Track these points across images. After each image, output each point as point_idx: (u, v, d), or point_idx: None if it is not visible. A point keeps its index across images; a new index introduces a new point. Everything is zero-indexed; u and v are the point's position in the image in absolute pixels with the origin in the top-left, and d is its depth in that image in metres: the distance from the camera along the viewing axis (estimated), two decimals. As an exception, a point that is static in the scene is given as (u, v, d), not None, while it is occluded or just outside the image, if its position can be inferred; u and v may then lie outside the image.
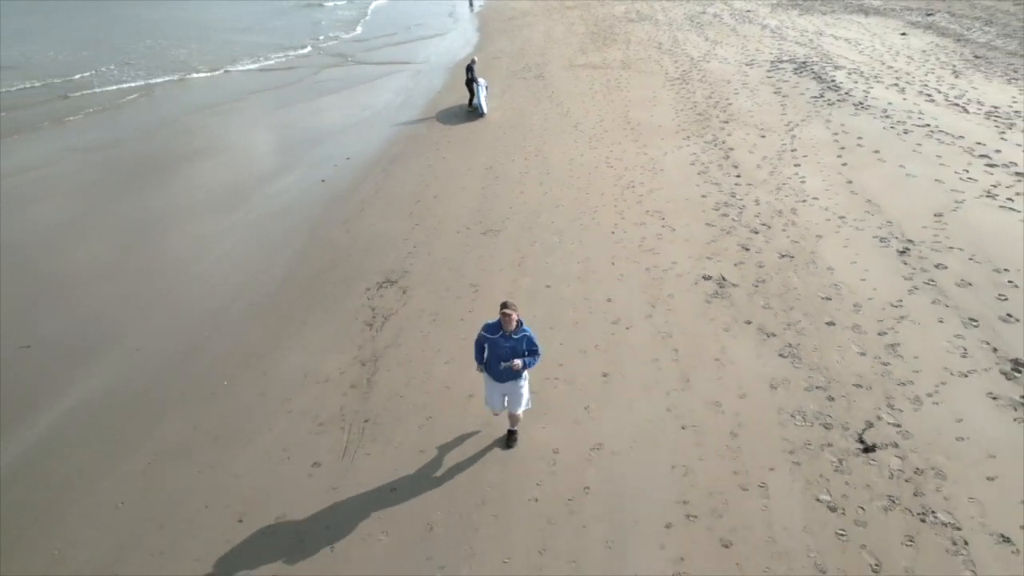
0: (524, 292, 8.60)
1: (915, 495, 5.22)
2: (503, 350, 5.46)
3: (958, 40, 20.69)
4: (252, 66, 23.82)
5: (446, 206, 11.47)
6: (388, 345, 7.79)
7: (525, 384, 5.72)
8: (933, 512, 5.06)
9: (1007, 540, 4.80)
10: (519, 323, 5.45)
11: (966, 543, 4.80)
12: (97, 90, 20.42)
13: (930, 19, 24.16)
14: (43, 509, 5.78)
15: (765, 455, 5.74)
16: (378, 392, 6.98)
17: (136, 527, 5.51)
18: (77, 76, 21.95)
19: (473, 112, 16.69)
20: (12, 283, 9.59)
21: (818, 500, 5.26)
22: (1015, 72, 16.79)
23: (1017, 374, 6.36)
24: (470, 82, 16.46)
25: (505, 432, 6.13)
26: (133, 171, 13.84)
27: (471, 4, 37.54)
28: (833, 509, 5.17)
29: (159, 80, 21.66)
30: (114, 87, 20.65)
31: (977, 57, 18.54)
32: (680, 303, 8.10)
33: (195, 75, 22.47)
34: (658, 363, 7.07)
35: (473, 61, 16.85)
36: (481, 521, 5.34)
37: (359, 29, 31.49)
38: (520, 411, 5.81)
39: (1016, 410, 5.96)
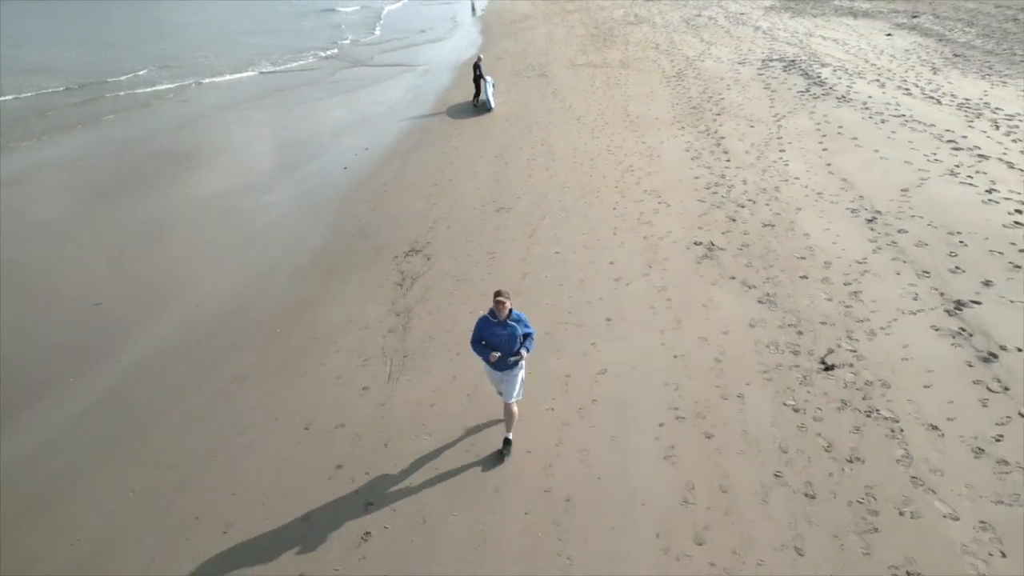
0: (536, 257, 9.85)
1: (863, 399, 6.46)
2: (501, 338, 5.71)
3: (940, 40, 22.08)
4: (275, 68, 25.15)
5: (461, 188, 12.74)
6: (418, 300, 9.02)
7: (520, 374, 6.00)
8: (877, 410, 6.30)
9: (935, 428, 6.03)
10: (511, 310, 5.74)
11: (902, 430, 6.03)
12: (138, 91, 21.78)
13: (915, 21, 25.58)
14: (141, 421, 7.00)
15: (742, 374, 6.98)
16: (412, 335, 8.21)
17: (220, 432, 6.73)
18: (111, 79, 23.28)
19: (480, 107, 17.99)
20: (95, 248, 10.85)
21: (784, 404, 6.50)
22: (990, 69, 18.15)
23: (958, 312, 7.62)
24: (477, 79, 17.77)
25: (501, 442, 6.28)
26: (175, 161, 15.14)
27: (473, 9, 39.00)
28: (796, 410, 6.41)
29: (189, 82, 22.99)
30: (150, 88, 21.96)
31: (956, 55, 19.92)
32: (673, 264, 9.35)
33: (223, 77, 23.78)
34: (654, 310, 8.31)
35: (479, 59, 18.17)
36: (490, 408, 6.56)
37: (377, 31, 32.91)
38: (512, 400, 6.03)
39: (954, 339, 7.21)
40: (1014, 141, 12.55)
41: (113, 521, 5.72)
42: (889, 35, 23.43)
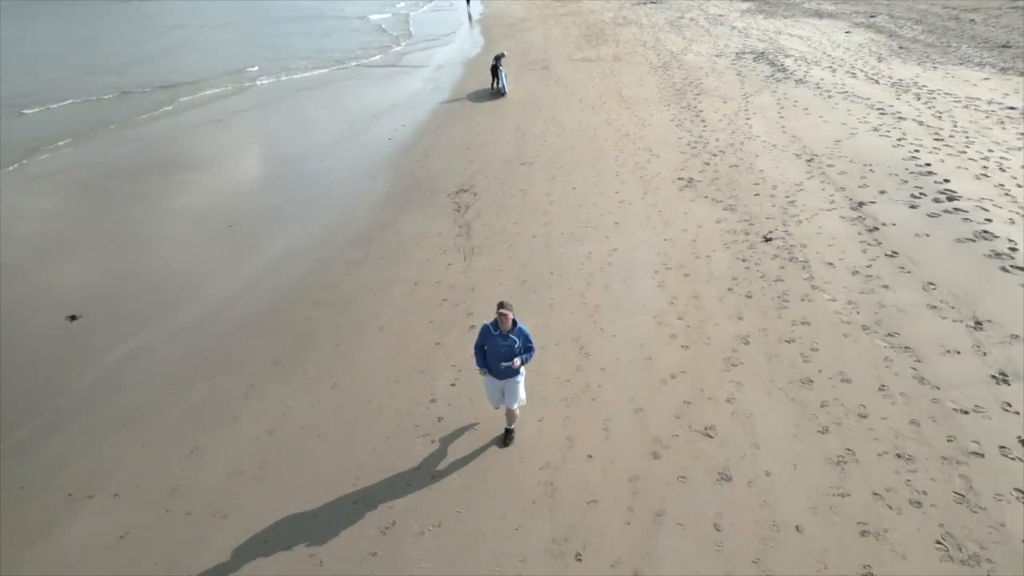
0: (557, 192, 13.51)
1: (788, 254, 10.18)
2: (501, 348, 6.06)
3: (890, 36, 26.38)
4: (324, 70, 28.82)
5: (490, 150, 16.44)
6: (473, 218, 12.65)
7: (521, 381, 6.41)
8: (796, 258, 10.01)
9: (831, 264, 9.75)
10: (514, 322, 6.06)
11: (809, 266, 9.74)
12: (212, 89, 25.29)
13: (872, 20, 29.97)
14: (307, 279, 10.55)
15: (710, 246, 10.67)
16: (474, 237, 11.81)
17: (362, 282, 10.28)
18: (198, 79, 26.79)
19: (496, 93, 21.77)
20: (227, 186, 14.38)
21: (736, 258, 10.19)
22: (927, 58, 22.33)
23: (859, 208, 11.40)
24: (495, 68, 21.58)
25: (503, 431, 6.90)
26: (258, 134, 18.73)
27: (470, 16, 42.97)
28: (744, 261, 10.10)
29: (247, 83, 26.60)
30: (228, 86, 25.46)
31: (901, 48, 24.14)
32: (662, 191, 13.08)
33: (276, 78, 27.43)
34: (649, 217, 12.01)
35: (502, 54, 22.01)
36: (540, 270, 10.16)
37: (413, 32, 36.79)
38: (515, 407, 6.52)
39: (852, 222, 10.97)
40: (928, 107, 16.56)
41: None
42: (848, 32, 27.71)
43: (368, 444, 6.99)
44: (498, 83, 21.74)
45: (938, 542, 5.36)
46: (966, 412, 6.68)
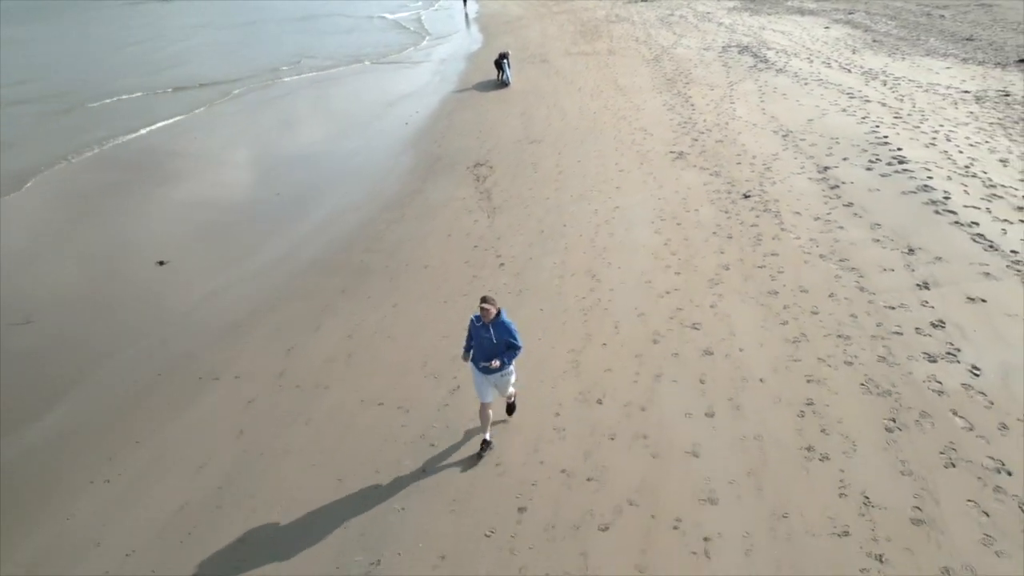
0: (565, 164, 15.64)
1: (763, 206, 12.36)
2: (483, 340, 6.31)
3: (866, 31, 28.84)
4: (356, 64, 30.88)
5: (500, 132, 18.58)
6: (492, 187, 14.76)
7: (512, 376, 6.71)
8: (769, 210, 12.20)
9: (798, 213, 11.95)
10: (498, 313, 6.25)
11: (780, 215, 11.93)
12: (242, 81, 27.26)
13: (850, 16, 32.46)
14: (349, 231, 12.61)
15: (698, 202, 12.85)
16: (495, 200, 13.92)
17: (402, 235, 12.36)
18: (244, 76, 28.74)
19: (500, 84, 23.92)
20: (267, 167, 16.41)
21: (720, 211, 12.37)
22: (897, 50, 24.74)
23: (824, 171, 13.61)
24: (501, 60, 23.74)
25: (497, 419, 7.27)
26: (287, 122, 20.77)
27: (467, 16, 45.05)
28: (726, 212, 12.27)
29: (270, 78, 28.61)
30: (251, 80, 27.47)
31: (875, 41, 26.57)
32: (657, 162, 15.26)
33: (302, 74, 29.46)
34: (645, 182, 14.18)
35: (507, 53, 24.19)
36: (554, 223, 12.28)
37: (429, 29, 38.89)
38: (511, 390, 6.93)
39: (818, 183, 13.17)
40: (892, 91, 18.89)
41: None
42: (827, 28, 30.15)
43: (428, 342, 9.08)
44: (503, 75, 23.87)
45: (862, 384, 7.52)
46: (893, 308, 8.87)
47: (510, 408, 7.35)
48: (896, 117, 16.53)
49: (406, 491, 6.54)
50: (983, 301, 8.79)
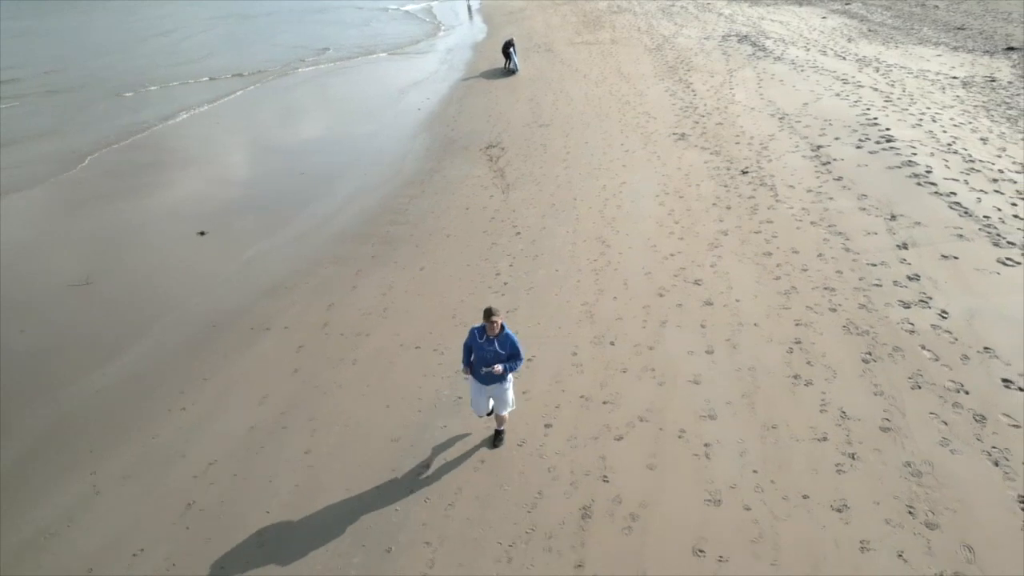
0: (572, 146, 16.69)
1: (759, 180, 13.45)
2: (487, 353, 6.23)
3: (861, 20, 29.88)
4: (380, 55, 31.86)
5: (509, 116, 19.62)
6: (505, 166, 15.81)
7: (510, 387, 6.59)
8: (765, 184, 13.28)
9: (792, 186, 13.02)
10: (502, 327, 6.22)
11: (775, 188, 13.01)
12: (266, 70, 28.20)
13: (847, 7, 33.48)
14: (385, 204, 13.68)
15: (700, 178, 13.92)
16: (508, 178, 14.97)
17: (427, 206, 13.43)
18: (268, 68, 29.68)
19: (507, 72, 24.93)
20: (293, 158, 17.45)
21: (719, 185, 13.44)
22: (891, 39, 25.79)
23: (817, 149, 14.69)
24: (507, 48, 24.74)
25: (492, 433, 7.13)
26: (305, 109, 21.80)
27: (470, 9, 45.97)
28: (725, 186, 13.35)
29: (309, 67, 29.60)
30: (270, 70, 28.44)
31: (870, 31, 27.61)
32: (660, 143, 16.32)
33: (317, 66, 30.44)
34: (650, 161, 15.24)
35: (512, 40, 25.18)
36: (565, 198, 13.35)
37: (441, 20, 39.79)
38: (505, 413, 6.75)
39: (811, 160, 14.25)
40: (884, 77, 19.96)
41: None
42: (824, 18, 31.19)
43: (455, 298, 10.14)
44: (510, 62, 24.88)
45: (843, 326, 8.61)
46: (875, 265, 9.96)
47: (498, 436, 7.07)
48: (886, 101, 17.60)
49: (447, 413, 7.62)
50: (955, 258, 9.88)
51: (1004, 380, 7.36)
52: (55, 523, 6.55)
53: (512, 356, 6.32)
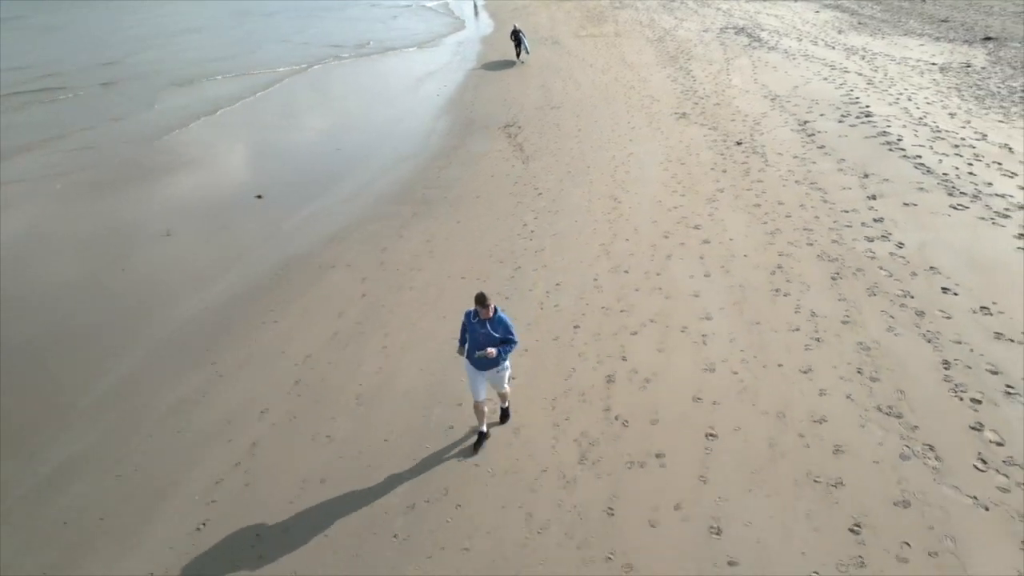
0: (584, 125, 18.69)
1: (752, 149, 15.46)
2: (480, 336, 6.45)
3: (852, 14, 31.98)
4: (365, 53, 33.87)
5: (523, 100, 21.62)
6: (523, 141, 17.80)
7: (505, 375, 6.85)
8: (757, 152, 15.28)
9: (780, 154, 15.03)
10: (495, 310, 6.43)
11: (766, 155, 15.02)
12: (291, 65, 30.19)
13: (839, 2, 35.59)
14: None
15: (699, 148, 15.91)
16: (527, 151, 16.96)
17: (455, 174, 15.42)
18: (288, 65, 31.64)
19: (518, 63, 26.92)
20: (331, 140, 19.43)
21: (716, 154, 15.43)
22: (878, 31, 27.87)
23: (803, 124, 16.71)
24: (517, 35, 26.72)
25: (492, 422, 7.32)
26: (333, 97, 23.80)
27: (476, 7, 47.97)
28: (722, 155, 15.34)
29: (316, 64, 31.59)
30: (300, 65, 30.41)
31: (860, 23, 29.70)
32: (663, 121, 18.32)
33: (337, 58, 32.42)
34: (654, 136, 17.24)
35: (517, 29, 27.18)
36: (579, 166, 15.34)
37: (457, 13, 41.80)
38: (506, 387, 7.03)
39: (798, 133, 16.26)
40: (868, 64, 22.01)
41: (430, 191, 14.43)
42: (817, 12, 33.28)
43: (490, 242, 12.09)
44: (521, 48, 26.80)
45: (818, 255, 10.58)
46: (847, 211, 11.94)
47: (504, 414, 7.47)
48: (869, 83, 19.66)
49: (494, 319, 9.57)
50: (915, 205, 11.88)
51: (943, 288, 9.35)
52: (192, 395, 8.49)
53: (505, 340, 6.53)
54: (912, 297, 9.23)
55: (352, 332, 9.63)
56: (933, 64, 21.68)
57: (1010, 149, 13.87)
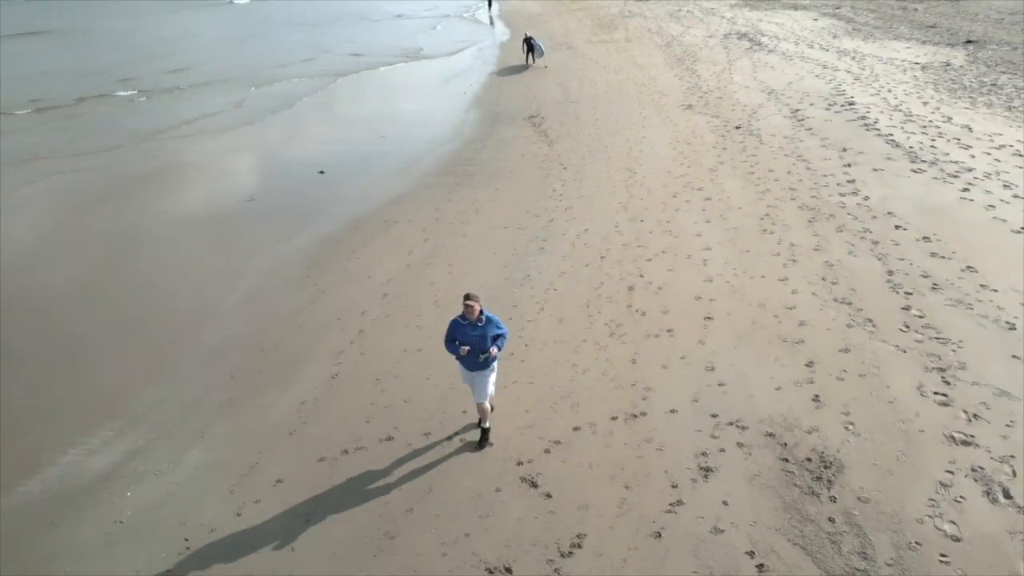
0: (600, 116, 21.45)
1: (749, 134, 18.14)
2: (473, 339, 6.80)
3: (848, 22, 34.84)
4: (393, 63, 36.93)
5: (543, 96, 24.44)
6: (547, 129, 20.55)
7: (492, 376, 7.16)
8: (753, 134, 17.96)
9: (773, 135, 17.74)
10: (481, 311, 6.81)
11: (760, 135, 17.71)
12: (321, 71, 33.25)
13: (837, 10, 38.52)
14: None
15: (703, 132, 18.61)
16: (551, 136, 19.70)
17: (490, 150, 18.19)
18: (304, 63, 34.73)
19: (531, 67, 29.80)
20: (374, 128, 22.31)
21: (719, 136, 18.13)
22: (870, 36, 30.69)
23: (795, 112, 19.41)
24: (528, 41, 29.59)
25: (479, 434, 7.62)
26: (378, 92, 26.74)
27: (492, 18, 51.14)
28: (723, 135, 18.05)
29: (360, 68, 34.65)
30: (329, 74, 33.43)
31: (855, 29, 32.54)
32: (671, 112, 21.07)
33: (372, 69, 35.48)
34: (663, 123, 19.98)
35: (529, 36, 30.07)
36: (598, 147, 18.07)
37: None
38: (484, 400, 7.17)
39: (789, 119, 18.97)
40: (857, 63, 24.78)
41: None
42: (815, 19, 36.17)
43: (526, 202, 14.76)
44: (534, 53, 29.64)
45: (799, 207, 13.19)
46: (825, 176, 14.57)
47: (483, 436, 7.48)
48: (855, 79, 22.41)
49: (535, 252, 12.22)
50: (882, 170, 14.52)
51: (896, 226, 11.96)
52: (304, 303, 11.14)
53: (497, 336, 6.95)
54: (871, 232, 11.85)
55: (421, 263, 12.29)
56: (916, 63, 24.42)
57: (970, 129, 16.52)
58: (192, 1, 61.15)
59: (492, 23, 47.83)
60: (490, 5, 52.86)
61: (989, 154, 14.75)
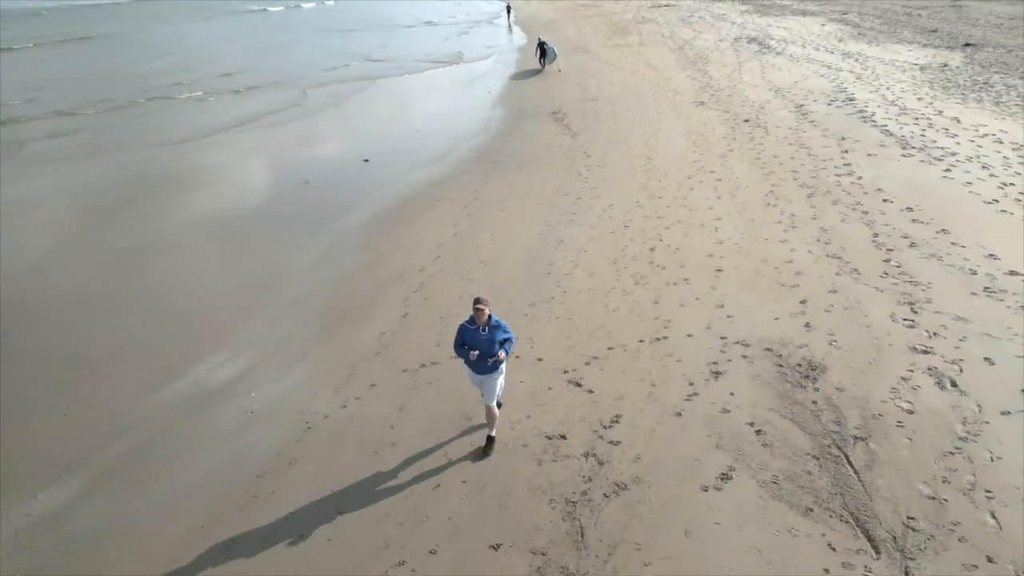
0: (619, 112, 23.45)
1: (756, 126, 20.08)
2: (482, 344, 6.99)
3: (854, 27, 36.81)
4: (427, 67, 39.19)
5: (564, 95, 26.49)
6: (569, 123, 22.56)
7: (500, 379, 7.32)
8: (760, 126, 19.89)
9: (779, 127, 19.65)
10: (490, 316, 7.00)
11: (767, 127, 19.66)
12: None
13: (844, 16, 40.49)
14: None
15: (714, 125, 20.55)
16: (573, 129, 21.71)
17: (517, 148, 20.21)
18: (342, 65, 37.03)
19: (546, 66, 31.87)
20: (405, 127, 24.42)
21: (728, 128, 20.06)
22: (875, 40, 32.61)
23: (800, 107, 21.37)
24: (541, 46, 31.67)
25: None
26: (413, 90, 28.91)
27: (509, 24, 53.48)
28: (732, 127, 19.97)
29: (394, 74, 36.89)
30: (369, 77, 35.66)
31: (860, 34, 34.49)
32: (685, 108, 23.03)
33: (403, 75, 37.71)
34: (678, 118, 21.93)
35: (542, 41, 32.17)
36: (618, 138, 20.07)
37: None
38: (493, 404, 7.35)
39: (794, 113, 20.89)
40: (860, 64, 26.71)
41: (503, 154, 19.23)
42: (823, 24, 38.15)
43: (554, 184, 16.72)
44: (546, 58, 31.74)
45: (800, 185, 15.10)
46: (824, 160, 16.45)
47: (489, 443, 7.70)
48: (857, 78, 24.34)
49: (566, 223, 14.17)
50: (876, 155, 16.41)
51: (884, 199, 13.84)
52: (367, 264, 13.12)
53: (506, 339, 7.17)
54: (861, 204, 13.73)
55: (466, 233, 14.26)
56: (915, 64, 26.32)
57: (958, 120, 18.40)
58: (227, 8, 63.93)
59: (510, 29, 50.11)
60: (508, 12, 55.20)
61: (973, 141, 16.61)
